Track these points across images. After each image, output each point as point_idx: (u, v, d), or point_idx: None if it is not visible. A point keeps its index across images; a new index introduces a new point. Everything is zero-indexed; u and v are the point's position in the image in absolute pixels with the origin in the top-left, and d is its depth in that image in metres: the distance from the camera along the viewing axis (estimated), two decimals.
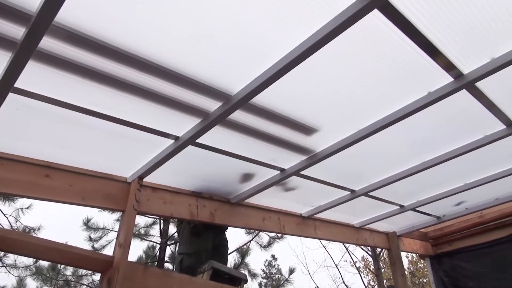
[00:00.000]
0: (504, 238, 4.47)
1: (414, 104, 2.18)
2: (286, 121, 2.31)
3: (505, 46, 1.85)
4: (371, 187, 3.26)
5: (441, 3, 1.63)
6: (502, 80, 2.11)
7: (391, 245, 4.45)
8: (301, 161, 2.73)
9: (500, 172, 3.25)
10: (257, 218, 3.31)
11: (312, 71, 1.95)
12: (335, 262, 15.62)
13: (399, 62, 1.93)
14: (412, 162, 2.99)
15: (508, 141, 2.71)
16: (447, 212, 4.29)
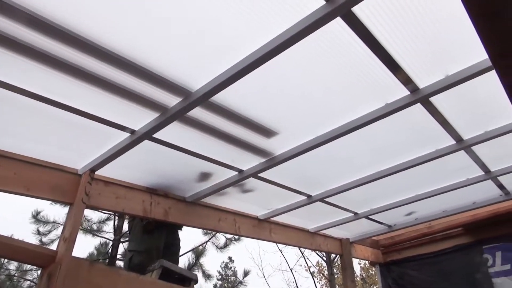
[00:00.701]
0: (449, 249, 4.68)
1: (372, 114, 2.23)
2: (246, 122, 2.30)
3: (458, 65, 1.93)
4: (327, 193, 3.31)
5: (402, 20, 1.68)
6: (455, 97, 2.21)
7: (343, 251, 4.54)
8: (259, 163, 2.72)
9: (448, 186, 3.40)
10: (213, 218, 3.28)
11: (275, 73, 1.95)
12: (290, 266, 15.80)
13: (360, 72, 1.97)
14: (368, 171, 3.06)
15: (457, 156, 2.84)
16: (398, 221, 4.43)
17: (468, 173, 3.25)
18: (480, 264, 4.34)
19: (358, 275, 19.96)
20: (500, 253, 4.26)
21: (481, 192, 3.69)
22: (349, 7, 1.50)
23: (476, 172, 3.22)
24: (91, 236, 10.06)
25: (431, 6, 1.64)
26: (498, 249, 4.28)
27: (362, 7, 1.58)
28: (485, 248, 4.38)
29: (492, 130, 2.54)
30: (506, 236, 4.25)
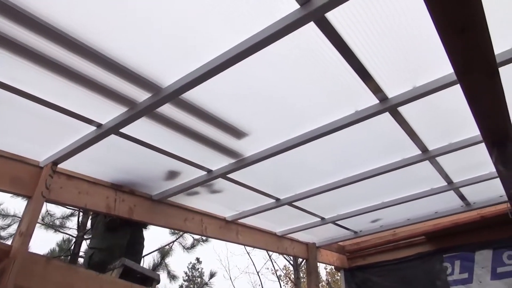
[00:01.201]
0: (412, 257, 4.80)
1: (342, 120, 2.26)
2: (217, 122, 2.27)
3: (426, 77, 1.98)
4: (295, 197, 3.32)
5: (375, 31, 1.71)
6: (422, 108, 2.26)
7: (309, 256, 4.58)
8: (229, 164, 2.70)
9: (413, 195, 3.49)
10: (179, 218, 3.23)
11: (248, 75, 1.95)
12: (256, 269, 15.81)
13: (332, 78, 1.99)
14: (337, 177, 3.09)
15: (422, 166, 2.91)
16: (364, 227, 4.51)
17: (432, 183, 3.34)
18: (440, 272, 4.47)
19: (324, 279, 20.22)
20: (459, 262, 4.40)
21: (444, 202, 3.80)
22: (322, 12, 1.51)
23: (440, 182, 3.32)
24: (53, 232, 9.72)
25: (403, 20, 1.68)
26: (457, 258, 4.42)
27: (337, 15, 1.60)
28: (445, 256, 4.52)
29: (456, 142, 2.62)
30: (465, 246, 4.40)
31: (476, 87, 1.55)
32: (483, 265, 4.21)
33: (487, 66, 1.44)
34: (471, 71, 1.45)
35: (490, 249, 4.23)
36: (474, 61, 1.39)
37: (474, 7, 1.17)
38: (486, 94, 1.60)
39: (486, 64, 1.42)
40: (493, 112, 1.75)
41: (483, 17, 1.21)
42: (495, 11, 1.65)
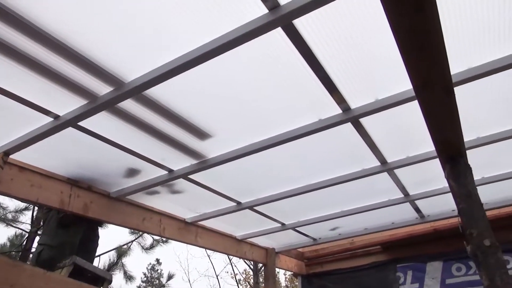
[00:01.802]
0: (367, 265, 4.91)
1: (306, 127, 2.28)
2: (181, 121, 2.24)
3: (388, 91, 2.04)
4: (257, 201, 3.33)
5: (341, 42, 1.75)
6: (383, 121, 2.33)
7: (268, 261, 4.59)
8: (191, 165, 2.67)
9: (371, 205, 3.58)
10: (137, 217, 3.15)
11: (214, 76, 1.93)
12: (216, 273, 15.67)
13: (297, 85, 2.01)
14: (299, 183, 3.12)
15: (381, 177, 2.99)
16: (323, 235, 4.57)
17: (390, 194, 3.44)
18: (393, 281, 4.60)
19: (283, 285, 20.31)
20: (411, 272, 4.55)
21: (400, 213, 3.92)
22: (290, 19, 1.52)
23: (397, 194, 3.42)
24: (4, 226, 9.24)
25: (368, 37, 1.73)
26: (410, 268, 4.57)
27: (305, 24, 1.62)
28: (399, 266, 4.66)
29: (413, 156, 2.72)
30: (418, 257, 4.56)
31: (432, 104, 1.60)
32: (433, 276, 4.38)
33: (444, 84, 1.49)
34: (428, 88, 1.50)
35: (441, 261, 4.40)
36: (431, 78, 1.44)
37: (434, 28, 1.22)
38: (442, 111, 1.66)
39: (443, 82, 1.48)
40: (447, 129, 1.81)
41: (441, 38, 1.26)
42: (451, 36, 1.73)
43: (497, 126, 2.47)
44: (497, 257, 1.78)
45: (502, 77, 2.00)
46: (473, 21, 1.68)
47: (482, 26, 1.71)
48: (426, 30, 1.22)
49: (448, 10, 1.62)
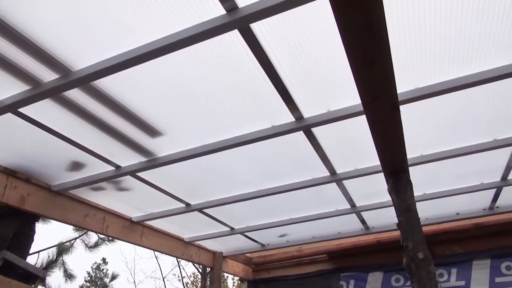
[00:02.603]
0: (313, 273, 5.00)
1: (258, 132, 2.29)
2: (131, 117, 2.17)
3: (340, 103, 2.09)
4: (207, 204, 3.29)
5: (296, 51, 1.76)
6: (334, 133, 2.38)
7: (215, 265, 4.54)
8: (140, 162, 2.59)
9: (319, 214, 3.65)
10: (79, 213, 3.01)
11: (168, 73, 1.89)
12: (163, 275, 15.32)
13: (252, 90, 2.01)
14: (250, 188, 3.12)
15: (330, 187, 3.06)
16: (271, 241, 4.60)
17: (337, 204, 3.52)
18: None
19: None
20: (353, 281, 4.68)
21: (346, 224, 4.03)
22: (247, 22, 1.52)
23: (344, 205, 3.51)
24: None
25: (322, 49, 1.76)
26: (353, 277, 4.70)
27: (263, 30, 1.63)
28: (342, 275, 4.78)
29: (361, 168, 2.80)
30: (361, 267, 4.70)
31: (379, 119, 1.66)
32: (374, 286, 4.53)
33: (390, 100, 1.55)
34: (375, 103, 1.55)
35: (382, 272, 4.57)
36: (378, 94, 1.49)
37: (383, 46, 1.26)
38: (387, 127, 1.72)
39: (390, 98, 1.53)
40: (392, 145, 1.88)
41: (389, 55, 1.31)
42: (400, 55, 1.80)
43: (439, 145, 2.60)
44: (429, 269, 1.86)
45: (446, 99, 2.12)
46: (421, 44, 1.75)
47: (430, 49, 1.79)
48: (375, 47, 1.26)
49: (399, 30, 1.68)
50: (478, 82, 1.90)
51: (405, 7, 1.59)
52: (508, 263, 4.13)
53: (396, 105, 1.62)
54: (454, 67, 1.89)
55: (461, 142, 2.56)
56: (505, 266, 4.14)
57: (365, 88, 1.48)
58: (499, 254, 4.17)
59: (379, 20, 1.17)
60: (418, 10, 1.60)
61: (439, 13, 1.62)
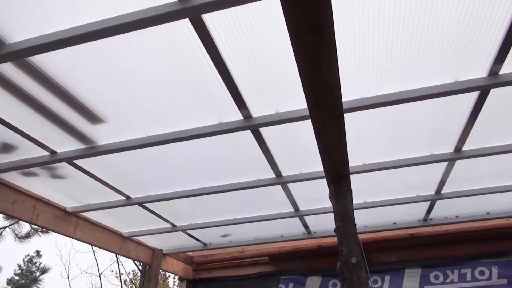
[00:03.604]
0: (254, 275, 5.00)
1: (206, 128, 2.24)
2: (71, 100, 2.04)
3: (289, 105, 2.09)
4: (149, 198, 3.18)
5: (248, 49, 1.74)
6: (282, 135, 2.39)
7: (153, 262, 4.41)
8: (78, 149, 2.45)
9: (263, 216, 3.65)
10: (6, 199, 2.79)
11: (114, 58, 1.80)
12: (99, 271, 14.71)
13: (202, 84, 1.96)
14: (194, 185, 3.06)
15: (275, 189, 3.07)
16: (213, 241, 4.55)
17: (281, 207, 3.55)
18: None
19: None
20: (292, 284, 4.74)
21: (289, 227, 4.07)
22: (200, 12, 1.48)
23: (288, 208, 3.54)
24: None
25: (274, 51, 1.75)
26: (292, 281, 4.76)
27: (215, 22, 1.59)
28: (282, 278, 4.82)
29: (306, 173, 2.83)
30: (300, 270, 4.77)
31: (323, 124, 1.67)
32: None
33: (335, 106, 1.56)
34: (320, 108, 1.56)
35: (320, 276, 4.66)
36: (324, 99, 1.50)
37: (330, 49, 1.27)
38: (331, 133, 1.74)
39: (334, 104, 1.55)
40: (335, 151, 1.91)
41: (335, 60, 1.32)
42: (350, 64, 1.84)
43: (381, 156, 2.69)
44: (360, 274, 1.91)
45: (390, 112, 2.19)
46: (369, 56, 1.80)
47: (377, 61, 1.84)
48: (323, 50, 1.26)
49: (349, 39, 1.71)
50: (419, 97, 1.98)
51: (356, 18, 1.61)
52: (437, 272, 4.37)
53: (341, 112, 1.64)
54: (399, 81, 1.95)
55: (401, 154, 2.67)
56: (433, 276, 4.38)
57: (311, 92, 1.49)
58: (429, 264, 4.40)
59: (329, 23, 1.17)
60: (368, 23, 1.64)
61: (387, 27, 1.66)
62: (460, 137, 2.44)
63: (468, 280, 4.26)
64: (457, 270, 4.33)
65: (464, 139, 2.46)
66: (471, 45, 1.74)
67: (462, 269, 4.32)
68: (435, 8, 1.58)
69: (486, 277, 4.22)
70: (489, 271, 4.24)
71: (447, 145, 2.56)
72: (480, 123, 2.30)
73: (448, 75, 1.91)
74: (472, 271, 4.29)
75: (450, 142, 2.53)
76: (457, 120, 2.29)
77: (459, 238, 4.36)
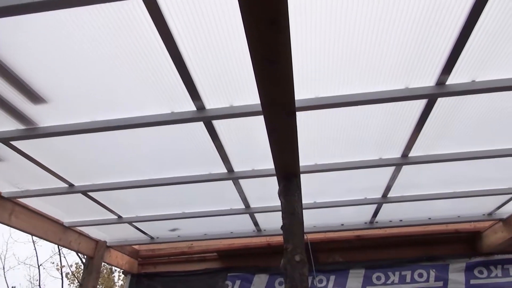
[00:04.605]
0: (201, 271, 4.94)
1: (156, 116, 2.16)
2: (10, 77, 1.88)
3: (244, 100, 2.06)
4: (93, 187, 3.03)
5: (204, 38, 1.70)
6: (235, 129, 2.36)
7: (95, 254, 4.23)
8: (16, 130, 2.28)
9: (213, 211, 3.61)
10: None
11: (59, 34, 1.68)
12: (39, 262, 13.98)
13: (155, 71, 1.88)
14: (144, 175, 2.95)
15: (226, 184, 3.04)
16: (161, 235, 4.44)
17: (232, 203, 3.52)
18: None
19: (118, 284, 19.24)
20: (239, 282, 4.73)
21: (239, 224, 4.05)
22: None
23: (239, 204, 3.52)
24: None
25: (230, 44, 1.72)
26: (239, 278, 4.74)
27: (170, 6, 1.53)
28: (230, 275, 4.80)
29: (258, 169, 2.82)
30: (248, 268, 4.77)
31: (274, 121, 1.66)
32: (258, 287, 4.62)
33: (287, 103, 1.55)
34: (273, 104, 1.54)
35: (267, 274, 4.69)
36: (276, 95, 1.48)
37: (285, 42, 1.25)
38: (283, 130, 1.73)
39: (287, 100, 1.53)
40: (286, 149, 1.91)
41: (289, 54, 1.30)
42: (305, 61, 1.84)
43: (333, 157, 2.73)
44: (303, 272, 1.92)
45: (343, 113, 2.22)
46: (324, 55, 1.81)
47: (332, 61, 1.85)
48: (278, 43, 1.24)
49: (305, 39, 1.71)
50: (371, 101, 2.02)
51: (313, 17, 1.61)
52: (379, 274, 4.54)
53: (293, 110, 1.64)
54: (353, 83, 1.98)
55: (352, 157, 2.72)
56: (376, 277, 4.54)
57: (264, 88, 1.47)
58: (372, 265, 4.56)
59: (284, 15, 1.15)
60: (325, 23, 1.65)
61: (344, 30, 1.68)
62: (407, 143, 2.53)
63: (407, 281, 4.46)
64: (398, 272, 4.52)
65: (411, 146, 2.55)
66: (423, 54, 1.80)
67: (402, 271, 4.51)
68: (391, 13, 1.61)
69: (424, 279, 4.44)
70: (427, 274, 4.46)
71: (395, 151, 2.65)
72: (426, 131, 2.39)
73: (399, 81, 1.96)
74: (411, 273, 4.49)
75: (398, 148, 2.61)
76: (405, 127, 2.37)
77: (401, 242, 4.54)
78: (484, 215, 4.00)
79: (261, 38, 1.23)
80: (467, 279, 4.36)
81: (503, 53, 1.81)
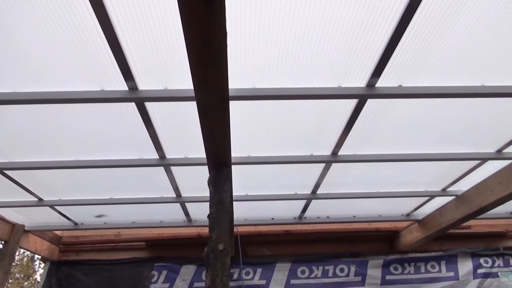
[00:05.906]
0: (126, 260, 4.79)
1: (84, 93, 2.04)
2: None
3: (179, 83, 2.02)
4: (11, 164, 2.80)
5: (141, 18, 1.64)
6: (169, 114, 2.30)
7: (11, 238, 3.93)
8: None
9: (143, 198, 3.50)
10: None
11: None
12: None
13: (86, 44, 1.77)
14: (70, 156, 2.78)
15: (158, 171, 2.96)
16: (86, 220, 4.23)
17: (163, 192, 3.44)
18: (146, 278, 4.60)
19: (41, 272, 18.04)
20: (166, 272, 4.66)
21: (170, 213, 3.98)
22: None
23: (170, 193, 3.45)
24: None
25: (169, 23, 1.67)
26: (166, 268, 4.67)
27: None
28: (156, 265, 4.70)
29: (191, 158, 2.79)
30: (176, 258, 4.72)
31: (208, 106, 1.65)
32: (184, 278, 4.59)
33: (220, 89, 1.55)
34: (205, 88, 1.53)
35: (195, 265, 4.67)
36: (209, 79, 1.47)
37: (219, 24, 1.24)
38: (215, 117, 1.73)
39: (219, 85, 1.53)
40: (218, 136, 1.91)
41: (224, 37, 1.30)
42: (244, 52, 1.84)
43: (268, 150, 2.76)
44: (225, 261, 1.93)
45: (279, 106, 2.26)
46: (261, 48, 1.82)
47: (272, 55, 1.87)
48: (212, 24, 1.23)
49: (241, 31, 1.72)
50: (305, 96, 2.07)
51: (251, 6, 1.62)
52: (304, 267, 4.71)
53: (226, 96, 1.63)
54: (289, 77, 2.02)
55: (285, 151, 2.78)
56: (300, 271, 4.70)
57: (197, 69, 1.45)
58: (298, 259, 4.72)
59: None
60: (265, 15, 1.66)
61: (281, 23, 1.70)
62: (337, 142, 2.63)
63: (329, 276, 4.68)
64: (321, 266, 4.72)
65: (341, 145, 2.66)
66: (356, 55, 1.88)
67: (326, 266, 4.72)
68: (332, 13, 1.66)
69: (345, 274, 4.68)
70: (348, 269, 4.71)
71: (325, 148, 2.75)
72: (355, 131, 2.51)
73: (333, 79, 2.03)
74: (334, 268, 4.72)
75: (328, 146, 2.71)
76: (336, 125, 2.46)
77: (327, 238, 4.76)
78: (402, 215, 4.30)
79: (195, 18, 1.21)
80: (383, 274, 4.67)
81: (429, 63, 1.95)
